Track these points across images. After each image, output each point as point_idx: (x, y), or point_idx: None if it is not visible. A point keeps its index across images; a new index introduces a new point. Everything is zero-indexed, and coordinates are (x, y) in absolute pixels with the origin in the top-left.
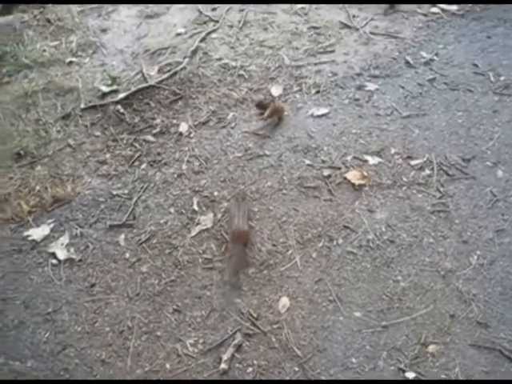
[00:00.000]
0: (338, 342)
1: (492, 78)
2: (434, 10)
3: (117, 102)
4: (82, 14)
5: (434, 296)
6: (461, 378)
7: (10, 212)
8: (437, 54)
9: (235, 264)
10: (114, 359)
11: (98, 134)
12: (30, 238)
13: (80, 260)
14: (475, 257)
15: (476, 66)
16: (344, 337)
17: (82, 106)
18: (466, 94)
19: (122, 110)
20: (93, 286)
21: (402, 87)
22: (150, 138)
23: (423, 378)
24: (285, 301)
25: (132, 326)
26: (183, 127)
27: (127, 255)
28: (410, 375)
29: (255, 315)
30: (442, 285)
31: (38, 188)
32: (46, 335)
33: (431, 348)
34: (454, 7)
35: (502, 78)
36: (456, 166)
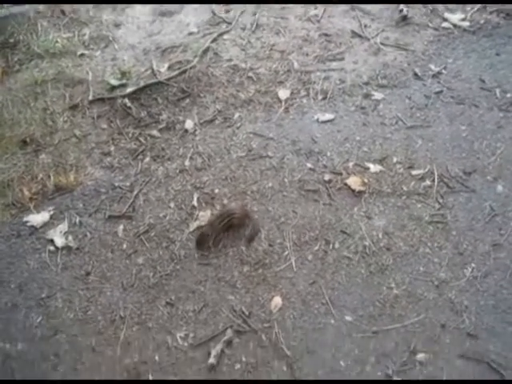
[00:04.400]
0: (328, 345)
1: (498, 95)
2: (446, 25)
3: (125, 96)
4: (96, 7)
5: (427, 305)
6: None
7: (12, 197)
8: (445, 68)
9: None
10: (103, 347)
11: (104, 126)
12: (29, 224)
13: (77, 248)
14: (470, 269)
15: (483, 81)
16: (334, 340)
17: (91, 97)
18: (471, 108)
19: (129, 104)
20: (88, 274)
21: (409, 98)
22: (155, 132)
23: None
24: (277, 300)
25: (124, 316)
26: (189, 124)
27: (124, 246)
28: None
29: (247, 313)
30: (435, 294)
31: (40, 175)
32: (39, 319)
33: (420, 356)
34: (465, 23)
35: (508, 95)
36: (457, 179)
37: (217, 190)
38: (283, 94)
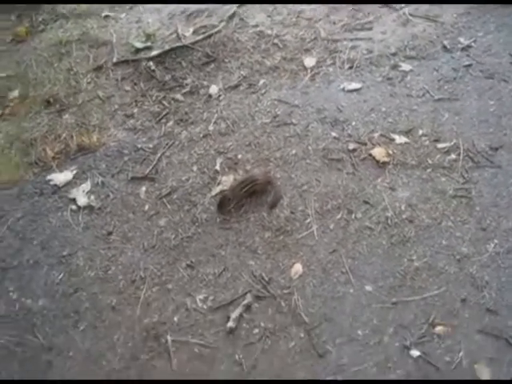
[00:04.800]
0: (346, 314)
1: None
2: None
3: (149, 59)
4: None
5: (447, 279)
6: (464, 362)
7: (35, 156)
8: (475, 41)
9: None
10: (123, 306)
11: (128, 88)
12: (52, 183)
13: (99, 208)
14: (492, 245)
15: None
16: (352, 309)
17: (115, 59)
18: (500, 83)
19: (153, 67)
20: (110, 234)
21: (437, 70)
22: (179, 96)
23: (427, 358)
24: (298, 267)
25: (144, 277)
26: (213, 89)
27: (146, 208)
28: (415, 353)
29: (267, 278)
30: (456, 268)
31: (64, 135)
32: (60, 277)
33: (438, 329)
34: None
35: None
36: (482, 154)
37: (240, 156)
38: (309, 61)
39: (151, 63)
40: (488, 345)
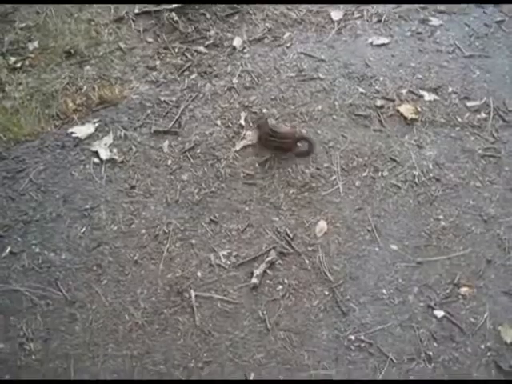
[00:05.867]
0: (371, 272)
1: None
2: None
3: (172, 10)
4: None
5: (474, 239)
6: (489, 323)
7: (56, 109)
8: None
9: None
10: (146, 261)
11: (150, 40)
12: (73, 136)
13: (122, 161)
14: None
15: None
16: (377, 268)
17: (136, 10)
18: None
19: (176, 19)
20: (132, 188)
21: (468, 26)
22: (202, 49)
23: (452, 319)
24: (322, 225)
25: (168, 232)
26: (237, 41)
27: (169, 162)
28: (439, 313)
29: (291, 235)
30: (482, 229)
31: (85, 88)
32: (82, 230)
33: (463, 290)
34: None
35: None
36: None
37: (265, 110)
38: (336, 14)
39: (174, 14)
40: None
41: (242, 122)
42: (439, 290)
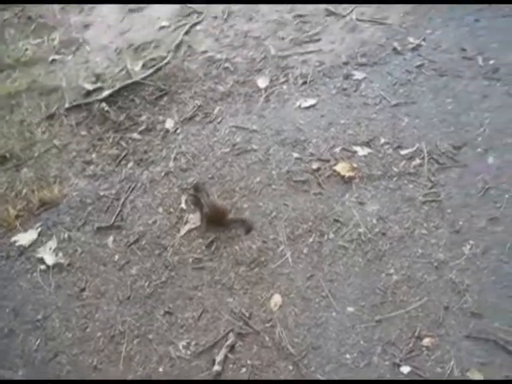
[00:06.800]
0: (332, 339)
1: (481, 63)
2: None
3: (102, 100)
4: (63, 10)
5: (428, 288)
6: (456, 371)
7: None
8: (424, 40)
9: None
10: (106, 365)
11: (84, 133)
12: (17, 244)
13: (69, 264)
14: (468, 246)
15: (464, 50)
16: (338, 333)
17: (67, 105)
18: (454, 79)
19: (107, 108)
20: (82, 290)
21: (390, 75)
22: (136, 135)
23: (419, 372)
24: (277, 298)
25: (123, 331)
26: (169, 123)
27: (116, 257)
28: (406, 369)
29: (247, 314)
30: (435, 276)
31: (24, 191)
32: (37, 343)
33: (426, 341)
34: None
35: (490, 62)
36: (447, 154)
37: None
38: (262, 82)
39: (104, 104)
40: (477, 349)
41: (183, 205)
42: (402, 346)
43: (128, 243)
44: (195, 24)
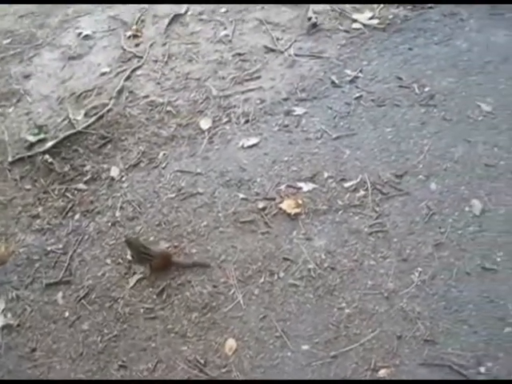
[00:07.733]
0: (289, 379)
1: (417, 90)
2: (356, 25)
3: (45, 152)
4: (2, 61)
5: (380, 319)
6: None
7: None
8: (361, 71)
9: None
10: None
11: (29, 186)
12: None
13: (18, 325)
14: (416, 274)
15: (400, 79)
16: (294, 372)
17: (10, 159)
18: (392, 108)
19: (50, 160)
20: (34, 350)
21: (330, 108)
22: (81, 186)
23: None
24: (231, 342)
25: None
26: (114, 171)
27: (67, 314)
28: None
29: (202, 361)
30: (386, 307)
31: None
32: None
33: (382, 372)
34: (374, 21)
35: (426, 89)
36: (389, 184)
37: (152, 238)
38: (205, 123)
39: (47, 156)
40: (433, 376)
41: (129, 256)
42: (359, 379)
43: (78, 298)
44: (136, 68)
